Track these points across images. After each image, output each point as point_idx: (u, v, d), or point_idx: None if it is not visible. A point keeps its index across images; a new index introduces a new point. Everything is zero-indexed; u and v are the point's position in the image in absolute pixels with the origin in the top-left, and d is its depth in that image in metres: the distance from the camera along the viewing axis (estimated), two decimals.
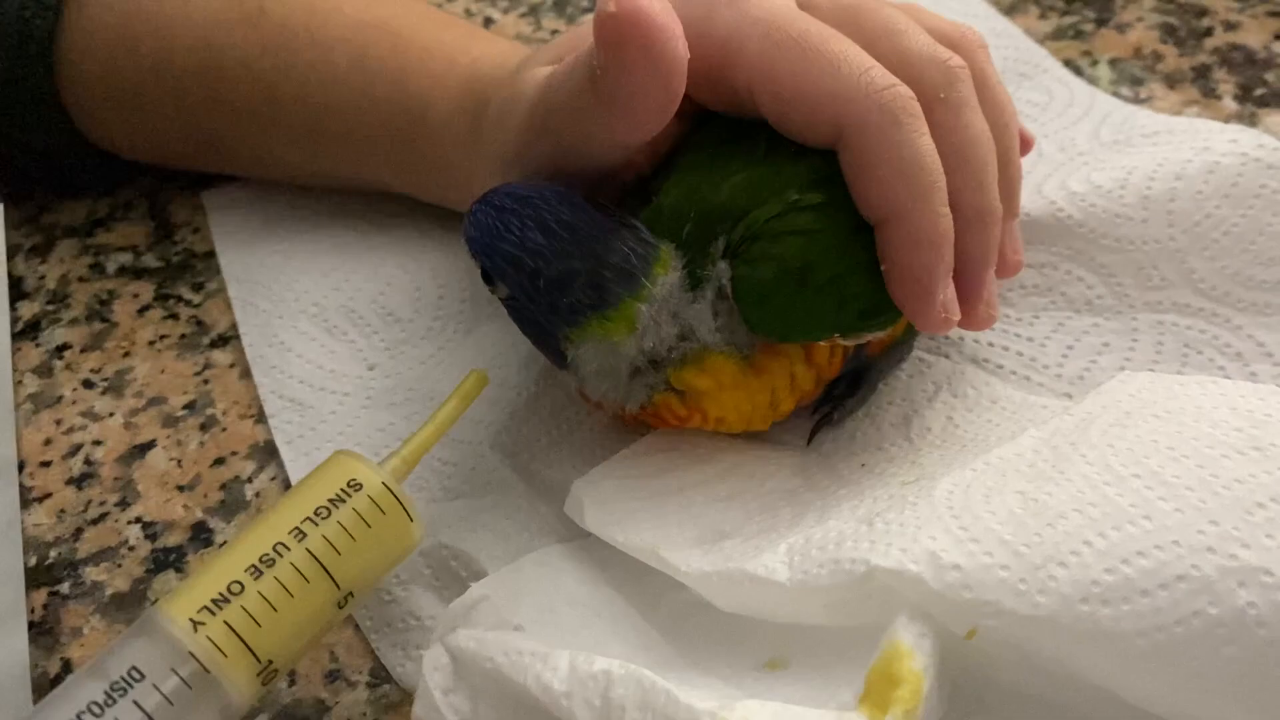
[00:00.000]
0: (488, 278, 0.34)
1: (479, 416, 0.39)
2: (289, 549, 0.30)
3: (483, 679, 0.30)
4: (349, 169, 0.46)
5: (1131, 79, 0.50)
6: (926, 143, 0.32)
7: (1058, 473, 0.30)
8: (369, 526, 0.31)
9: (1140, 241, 0.40)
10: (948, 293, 0.32)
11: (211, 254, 0.48)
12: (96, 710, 0.27)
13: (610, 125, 0.32)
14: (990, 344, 0.40)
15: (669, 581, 0.33)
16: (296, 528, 0.30)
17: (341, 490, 0.31)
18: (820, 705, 0.27)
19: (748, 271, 0.33)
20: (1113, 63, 0.51)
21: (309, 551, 0.30)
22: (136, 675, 0.28)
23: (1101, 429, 0.31)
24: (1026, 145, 0.38)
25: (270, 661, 0.29)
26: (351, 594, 0.31)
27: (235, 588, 0.29)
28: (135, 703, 0.27)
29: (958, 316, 0.33)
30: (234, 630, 0.29)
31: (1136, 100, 0.49)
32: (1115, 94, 0.49)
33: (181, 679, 0.28)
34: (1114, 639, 0.26)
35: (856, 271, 0.33)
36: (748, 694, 0.28)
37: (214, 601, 0.29)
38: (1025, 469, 0.30)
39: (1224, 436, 0.30)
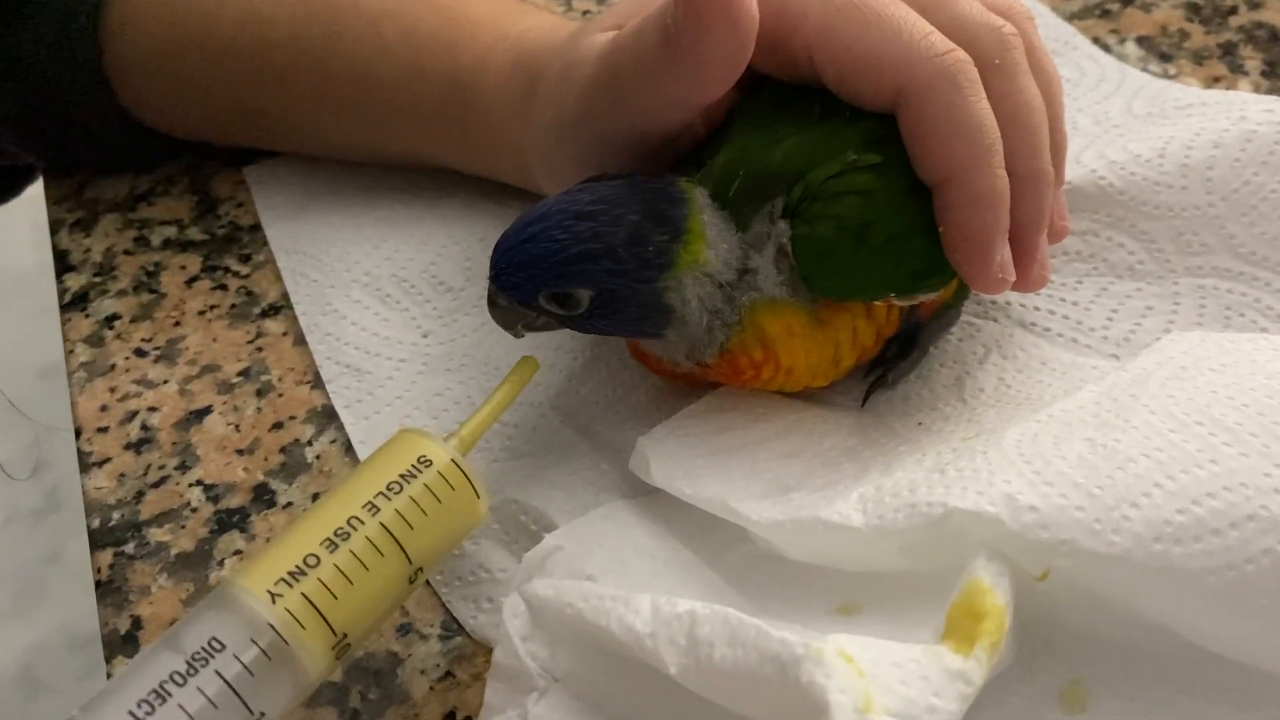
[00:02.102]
0: (562, 300, 0.33)
1: (537, 379, 0.39)
2: (363, 523, 0.30)
3: (560, 626, 0.31)
4: (398, 143, 0.46)
5: (1160, 55, 0.51)
6: (984, 106, 0.33)
7: (1123, 421, 0.30)
8: (439, 501, 0.31)
9: (1180, 208, 0.41)
10: (1005, 253, 0.33)
11: (256, 227, 0.48)
12: (179, 680, 0.27)
13: (681, 84, 0.33)
14: (1036, 308, 0.40)
15: (734, 534, 0.33)
16: (370, 502, 0.30)
17: (412, 466, 0.31)
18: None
19: (807, 230, 0.33)
20: (1140, 40, 0.52)
21: (382, 525, 0.30)
22: (217, 645, 0.28)
23: (1160, 381, 0.32)
24: None
25: (345, 635, 0.29)
26: (421, 569, 0.31)
27: (311, 560, 0.29)
28: (217, 672, 0.27)
29: (1014, 277, 0.33)
30: (311, 602, 0.29)
31: (1165, 76, 0.50)
32: (1144, 70, 0.50)
33: (261, 649, 0.28)
34: (1186, 576, 0.27)
35: (913, 231, 0.34)
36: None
37: (290, 574, 0.29)
38: (1090, 419, 0.31)
39: None
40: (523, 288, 0.33)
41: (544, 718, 0.30)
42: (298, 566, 0.29)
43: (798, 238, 0.33)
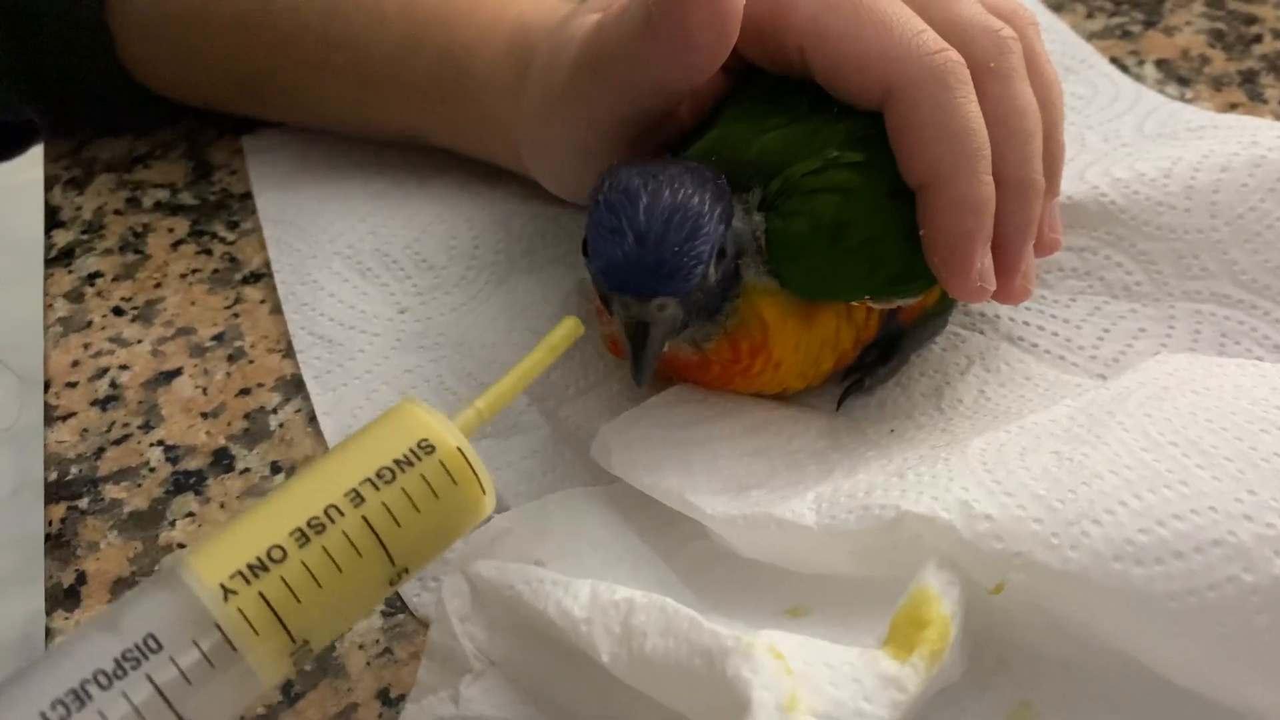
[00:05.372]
0: (720, 256, 0.31)
1: (506, 360, 0.39)
2: (343, 514, 0.26)
3: (501, 608, 0.30)
4: (392, 118, 0.46)
5: (1178, 79, 0.50)
6: (974, 109, 0.32)
7: (1094, 437, 0.29)
8: (436, 497, 0.27)
9: (1182, 230, 0.40)
10: (985, 261, 0.32)
11: (248, 195, 0.48)
12: (104, 682, 0.24)
13: (663, 67, 0.32)
14: (1026, 323, 0.39)
15: (691, 529, 0.33)
16: (355, 490, 0.26)
17: (411, 451, 0.27)
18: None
19: (781, 226, 0.33)
20: (1159, 63, 0.51)
21: (365, 520, 0.26)
22: (153, 645, 0.24)
23: (1139, 401, 0.31)
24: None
25: (306, 641, 0.26)
26: (406, 570, 0.27)
27: (277, 554, 0.25)
28: (148, 676, 0.24)
29: (993, 286, 0.32)
30: (269, 604, 0.25)
31: (1182, 100, 0.49)
32: (1161, 93, 0.49)
33: (203, 654, 0.24)
34: (1145, 599, 0.26)
35: (892, 234, 0.33)
36: None
37: (250, 567, 0.25)
38: (1061, 433, 0.30)
39: (1264, 413, 0.29)
40: (686, 265, 0.30)
41: (475, 700, 0.29)
42: (259, 559, 0.25)
43: (772, 232, 0.33)
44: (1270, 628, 0.26)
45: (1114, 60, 0.51)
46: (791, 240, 0.32)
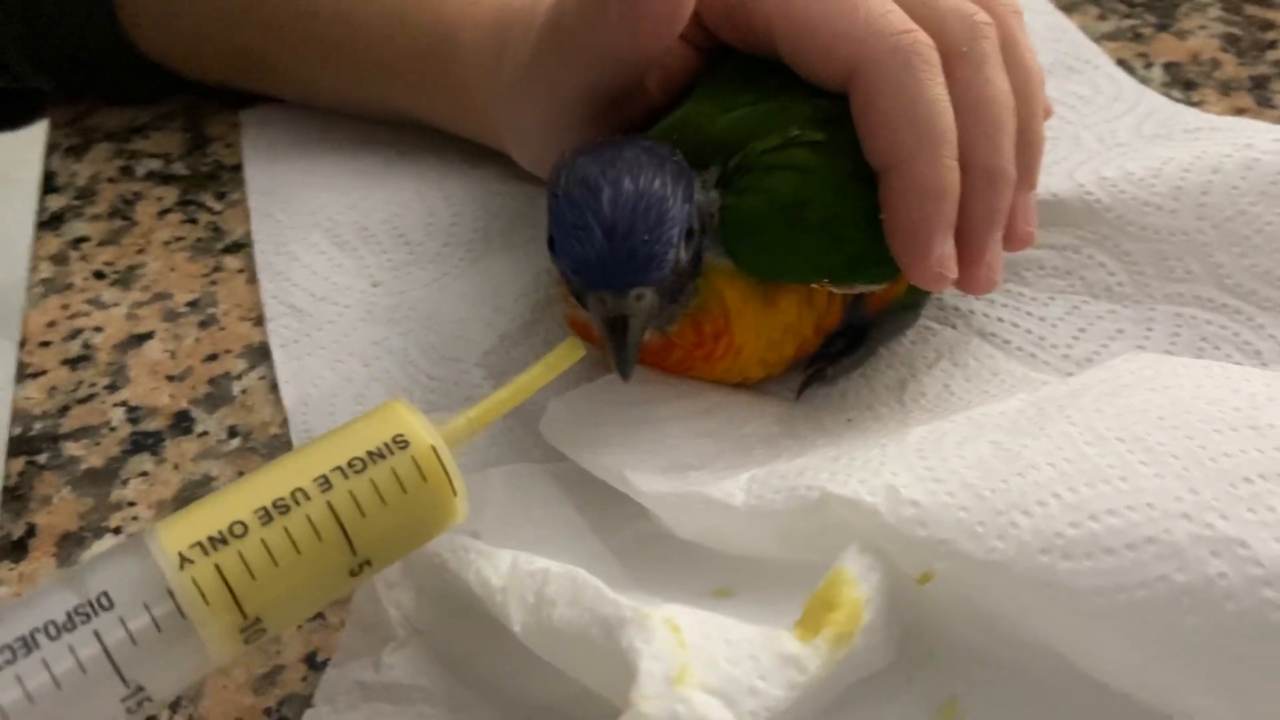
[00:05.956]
0: (689, 236, 0.31)
1: (471, 336, 0.39)
2: (309, 498, 0.26)
3: (429, 576, 0.30)
4: (378, 95, 0.46)
5: (1185, 83, 0.49)
6: (939, 92, 0.31)
7: (1038, 429, 0.28)
8: (404, 492, 0.27)
9: (1167, 232, 0.39)
10: (945, 248, 0.31)
11: (239, 167, 0.48)
12: (53, 632, 0.24)
13: (616, 37, 0.32)
14: (1000, 319, 0.39)
15: (634, 510, 0.32)
16: (324, 476, 0.26)
17: (385, 444, 0.27)
18: None
19: (736, 202, 0.32)
20: (1168, 66, 0.50)
21: (330, 506, 0.26)
22: (104, 603, 0.24)
23: (1094, 397, 0.30)
24: (1046, 113, 0.37)
25: (258, 619, 0.25)
26: (369, 563, 0.27)
27: (238, 529, 0.25)
28: (96, 633, 0.24)
29: (953, 274, 0.32)
30: (223, 576, 0.25)
31: (1188, 104, 0.47)
32: (1166, 95, 0.48)
33: (153, 619, 0.24)
34: (1071, 595, 0.25)
35: (852, 216, 0.32)
36: None
37: (210, 539, 0.25)
38: (1006, 424, 0.29)
39: (1220, 413, 0.28)
40: (659, 253, 0.30)
41: (396, 668, 0.29)
42: (220, 533, 0.25)
43: (726, 208, 0.32)
44: (1200, 630, 0.25)
45: (1121, 62, 0.50)
46: (747, 217, 0.32)
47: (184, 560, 0.25)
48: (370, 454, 0.27)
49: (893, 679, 0.28)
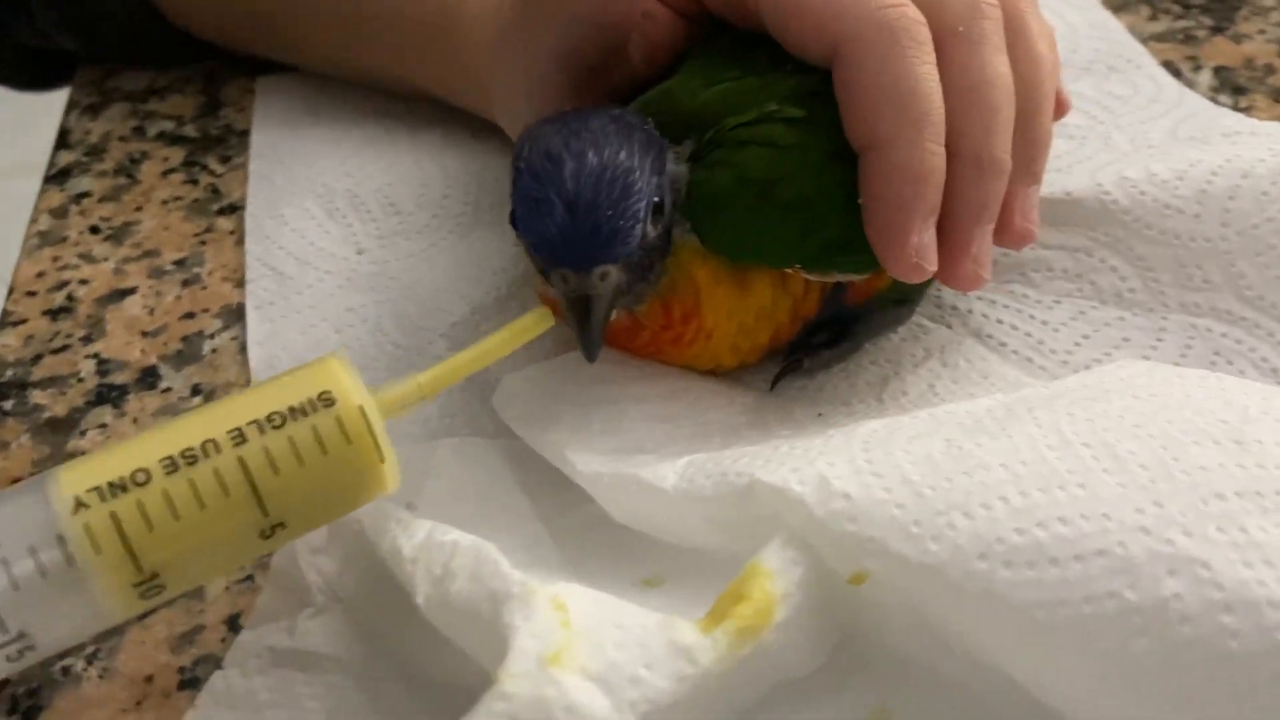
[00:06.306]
0: (659, 209, 0.29)
1: (445, 306, 0.38)
2: (219, 451, 0.24)
3: (355, 544, 0.29)
4: (385, 64, 0.46)
5: (1234, 88, 0.46)
6: (926, 71, 0.29)
7: (999, 428, 0.26)
8: (325, 453, 0.25)
9: (1188, 237, 0.36)
10: (924, 237, 0.29)
11: (248, 132, 0.48)
12: None
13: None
14: (999, 321, 0.36)
15: (582, 495, 0.31)
16: (239, 429, 0.25)
17: (309, 400, 0.25)
18: None
19: (706, 177, 0.31)
20: (1217, 70, 0.47)
21: (241, 461, 0.24)
22: None
23: (1071, 400, 0.28)
24: (1062, 108, 0.35)
25: (155, 575, 0.24)
26: (283, 525, 0.25)
27: (140, 477, 0.24)
28: None
29: (932, 266, 0.30)
30: (119, 525, 0.24)
31: (1235, 109, 0.44)
32: (1212, 99, 0.45)
33: (38, 564, 0.23)
34: (1009, 606, 0.23)
35: (829, 199, 0.30)
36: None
37: (110, 485, 0.24)
38: (969, 423, 0.27)
39: (1204, 425, 0.26)
40: (624, 229, 0.28)
41: (312, 635, 0.28)
42: (121, 479, 0.24)
43: (694, 183, 0.31)
44: (1150, 654, 0.23)
45: (1167, 64, 0.47)
46: (713, 193, 0.30)
47: (79, 505, 0.24)
48: (292, 409, 0.25)
49: (822, 685, 0.26)
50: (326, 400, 0.25)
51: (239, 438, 0.25)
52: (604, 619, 0.22)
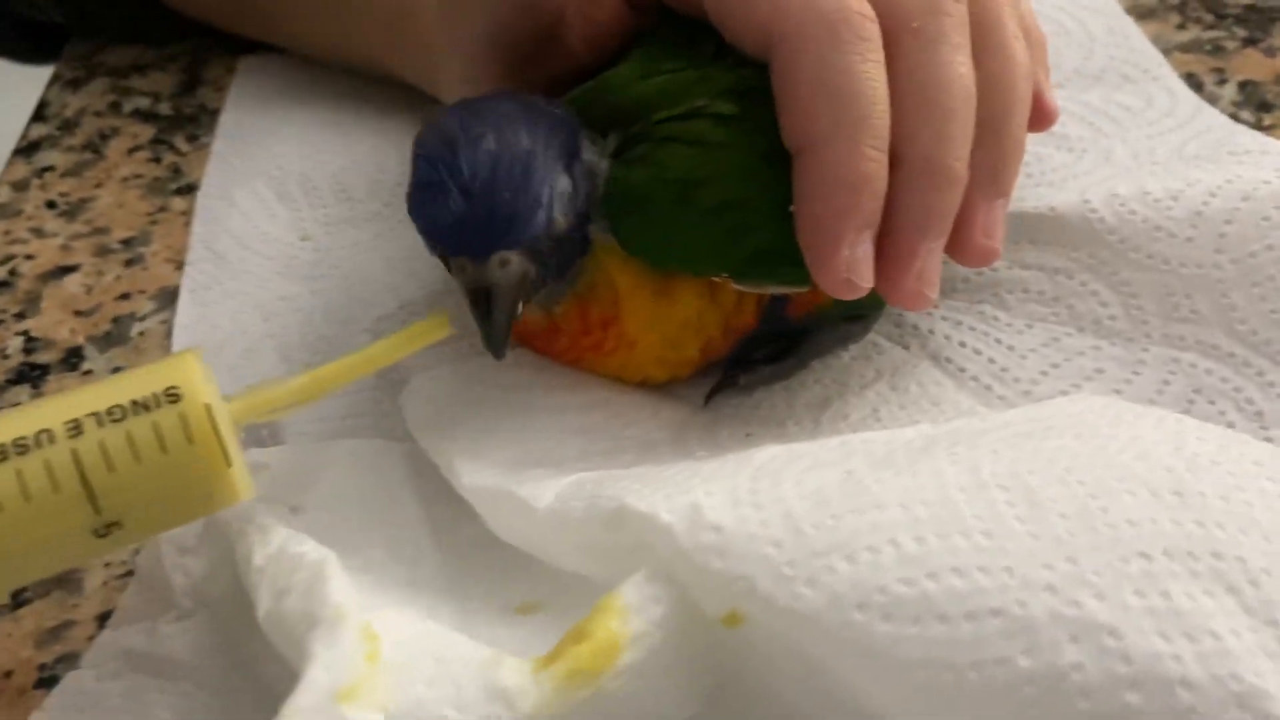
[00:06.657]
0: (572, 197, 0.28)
1: (369, 297, 0.36)
2: (53, 442, 0.23)
3: (226, 548, 0.27)
4: (357, 45, 0.44)
5: (1259, 103, 0.42)
6: (868, 69, 0.27)
7: (909, 464, 0.24)
8: (165, 452, 0.23)
9: (1177, 263, 0.33)
10: (857, 250, 0.27)
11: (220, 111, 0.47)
12: None
13: None
14: (961, 343, 0.33)
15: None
16: (76, 420, 0.23)
17: (154, 395, 0.24)
18: None
19: (623, 174, 0.28)
20: (1243, 85, 0.43)
21: (74, 454, 0.23)
22: None
23: (1002, 436, 0.25)
24: (1044, 118, 0.32)
25: None
26: (119, 524, 0.24)
27: None
28: None
29: (866, 283, 0.27)
30: None
31: (1257, 126, 0.41)
32: (1233, 116, 0.41)
33: None
34: (887, 663, 0.21)
35: (760, 204, 0.28)
36: (486, 635, 0.24)
37: None
38: (880, 454, 0.25)
39: (1144, 472, 0.23)
40: (523, 213, 0.26)
41: (171, 640, 0.27)
42: None
43: (611, 180, 0.28)
44: None
45: (1189, 75, 0.44)
46: (629, 191, 0.28)
47: None
48: (134, 403, 0.24)
49: None
50: (172, 396, 0.24)
51: (75, 430, 0.23)
52: (422, 652, 0.20)
